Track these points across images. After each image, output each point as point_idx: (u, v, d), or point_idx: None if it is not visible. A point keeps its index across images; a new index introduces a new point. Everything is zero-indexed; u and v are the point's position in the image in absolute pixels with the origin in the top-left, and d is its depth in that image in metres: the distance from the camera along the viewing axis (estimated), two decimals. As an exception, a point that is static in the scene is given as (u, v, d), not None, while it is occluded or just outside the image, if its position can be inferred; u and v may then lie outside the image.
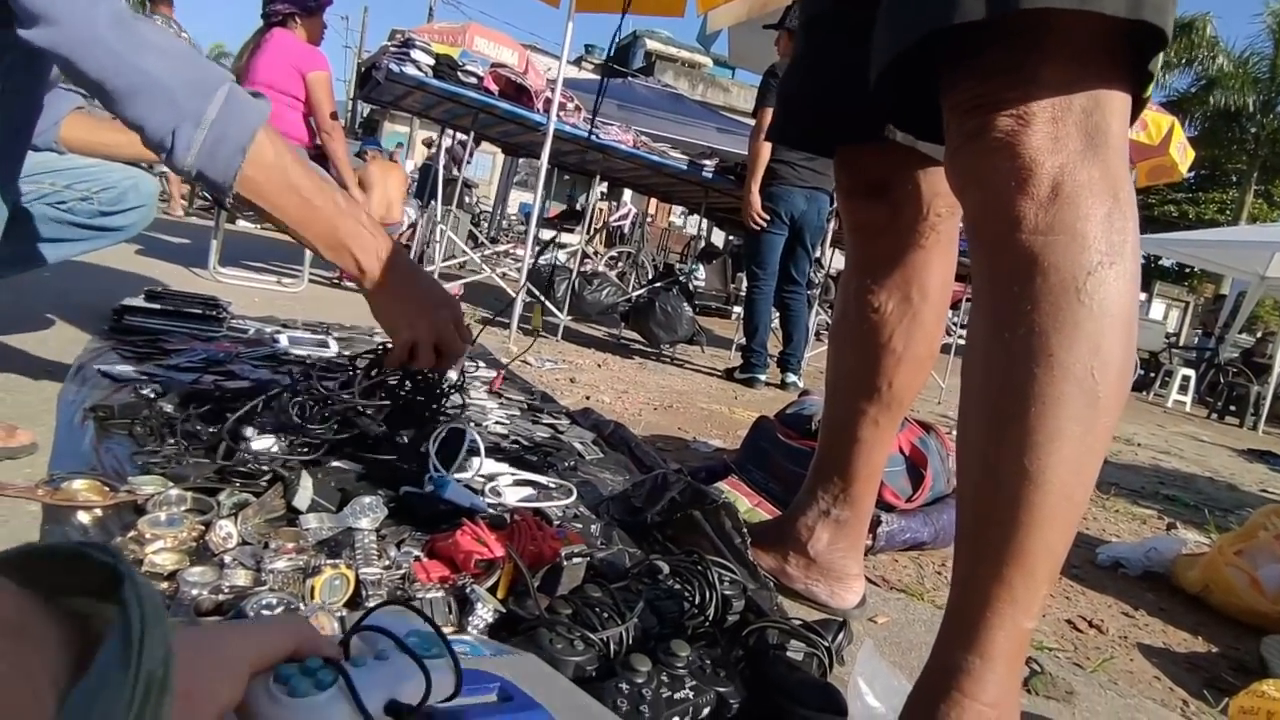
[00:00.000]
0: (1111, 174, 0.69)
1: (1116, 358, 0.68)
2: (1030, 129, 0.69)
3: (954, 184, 0.78)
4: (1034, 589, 0.69)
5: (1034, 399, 0.67)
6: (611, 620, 0.78)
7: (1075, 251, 0.67)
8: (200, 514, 0.93)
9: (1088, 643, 1.35)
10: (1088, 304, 0.67)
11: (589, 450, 1.57)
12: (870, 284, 1.10)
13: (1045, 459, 0.67)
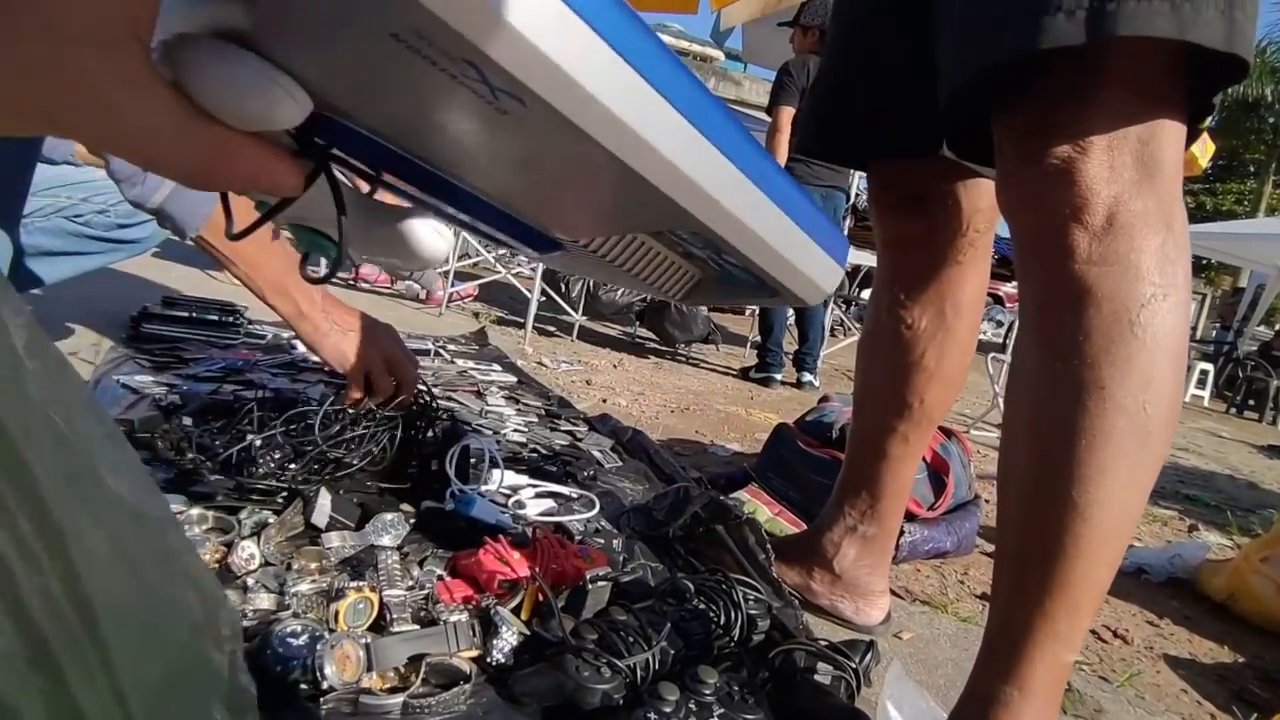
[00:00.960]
0: (1165, 204, 0.68)
1: (1168, 391, 0.67)
2: (1088, 156, 0.68)
3: (1005, 206, 0.77)
4: (1077, 622, 0.68)
5: (1084, 432, 0.66)
6: (638, 645, 0.77)
7: (1129, 283, 0.66)
8: (222, 533, 0.92)
9: (1113, 654, 1.33)
10: (1141, 336, 0.66)
11: (608, 458, 1.56)
12: (903, 299, 1.08)
13: (1093, 493, 0.65)
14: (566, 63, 0.22)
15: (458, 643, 0.78)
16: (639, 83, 0.25)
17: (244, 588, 0.83)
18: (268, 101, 0.25)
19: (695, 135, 0.28)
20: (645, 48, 0.25)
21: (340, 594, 0.80)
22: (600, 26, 0.23)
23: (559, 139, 0.25)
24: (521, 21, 0.21)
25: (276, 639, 0.70)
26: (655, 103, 0.26)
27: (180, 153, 0.24)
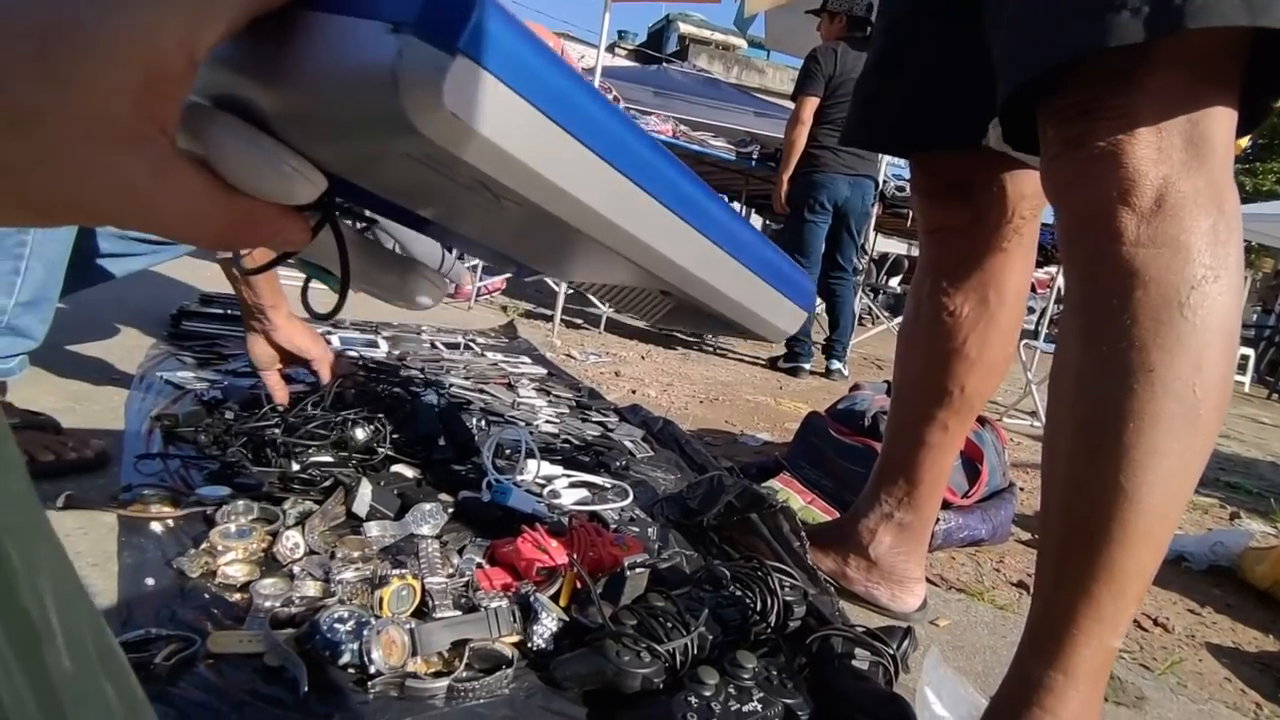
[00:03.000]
0: (1216, 185, 0.67)
1: (1219, 374, 0.66)
2: (1135, 138, 0.66)
3: (1050, 190, 0.75)
4: (1123, 608, 0.67)
5: (1132, 415, 0.65)
6: (676, 631, 0.78)
7: (1179, 265, 0.65)
8: (267, 523, 0.95)
9: (1154, 642, 1.31)
10: (1191, 319, 0.65)
11: (639, 448, 1.57)
12: (946, 286, 1.07)
13: (1142, 477, 0.65)
14: (567, 182, 0.26)
15: (499, 628, 0.79)
16: (625, 183, 0.29)
17: (290, 575, 0.85)
18: (287, 185, 0.27)
19: (671, 218, 0.31)
20: (629, 150, 0.28)
21: (384, 581, 0.82)
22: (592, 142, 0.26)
23: (549, 223, 0.29)
24: (528, 155, 0.24)
25: (325, 625, 0.72)
26: (639, 199, 0.29)
27: (207, 227, 0.25)
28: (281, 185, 0.27)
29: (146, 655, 0.68)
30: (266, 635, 0.73)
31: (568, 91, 0.25)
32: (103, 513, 0.95)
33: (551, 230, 0.31)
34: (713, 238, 0.35)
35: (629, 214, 0.30)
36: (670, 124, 4.12)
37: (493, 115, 0.22)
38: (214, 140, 0.26)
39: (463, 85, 0.21)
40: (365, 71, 0.22)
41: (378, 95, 0.22)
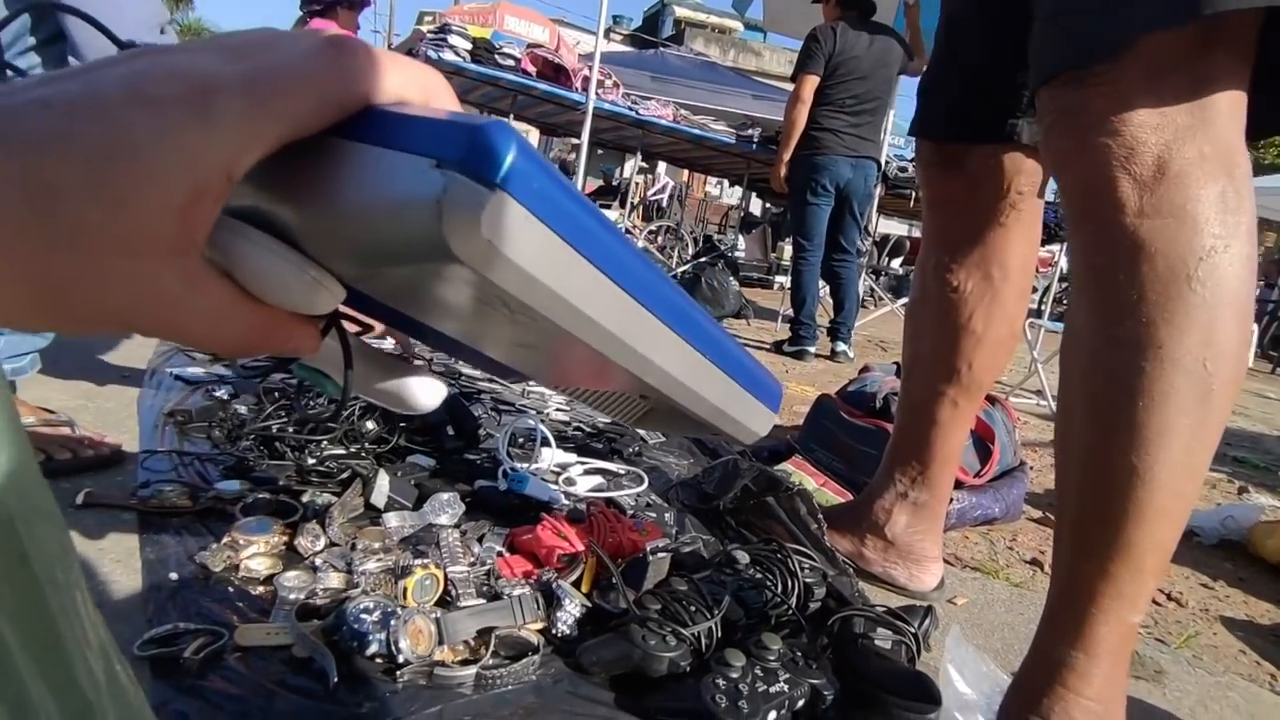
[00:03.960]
0: (1223, 149, 0.64)
1: (1231, 347, 0.64)
2: (1132, 104, 0.64)
3: (1050, 162, 0.74)
4: (1141, 584, 0.67)
5: (1142, 393, 0.64)
6: (700, 614, 0.78)
7: (1186, 236, 0.63)
8: (285, 517, 0.95)
9: (1168, 617, 1.32)
10: (1200, 292, 0.63)
11: (651, 434, 1.57)
12: (949, 261, 1.07)
13: (1154, 454, 0.64)
14: (582, 303, 0.29)
15: (523, 615, 0.79)
16: (631, 303, 0.32)
17: (313, 568, 0.85)
18: (309, 296, 0.28)
19: (667, 333, 0.35)
20: (634, 272, 0.32)
21: (407, 571, 0.82)
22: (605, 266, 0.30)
23: (554, 337, 0.32)
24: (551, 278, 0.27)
25: (351, 616, 0.73)
26: (642, 317, 0.33)
27: (229, 335, 0.27)
28: (304, 296, 0.28)
29: (176, 649, 0.68)
30: (294, 627, 0.73)
31: (585, 222, 0.28)
32: (122, 509, 0.95)
33: (553, 343, 0.34)
34: (700, 348, 0.38)
35: (633, 330, 0.33)
36: (670, 109, 4.10)
37: (523, 243, 0.25)
38: (239, 252, 0.27)
39: (499, 216, 0.24)
40: (407, 201, 0.24)
41: (416, 222, 0.24)
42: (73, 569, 0.23)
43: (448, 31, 3.49)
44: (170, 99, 0.22)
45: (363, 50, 0.26)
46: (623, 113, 3.71)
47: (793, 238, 3.70)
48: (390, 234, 0.25)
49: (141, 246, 0.22)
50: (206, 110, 0.23)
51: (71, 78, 0.22)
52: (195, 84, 0.23)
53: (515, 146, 0.24)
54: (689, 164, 6.10)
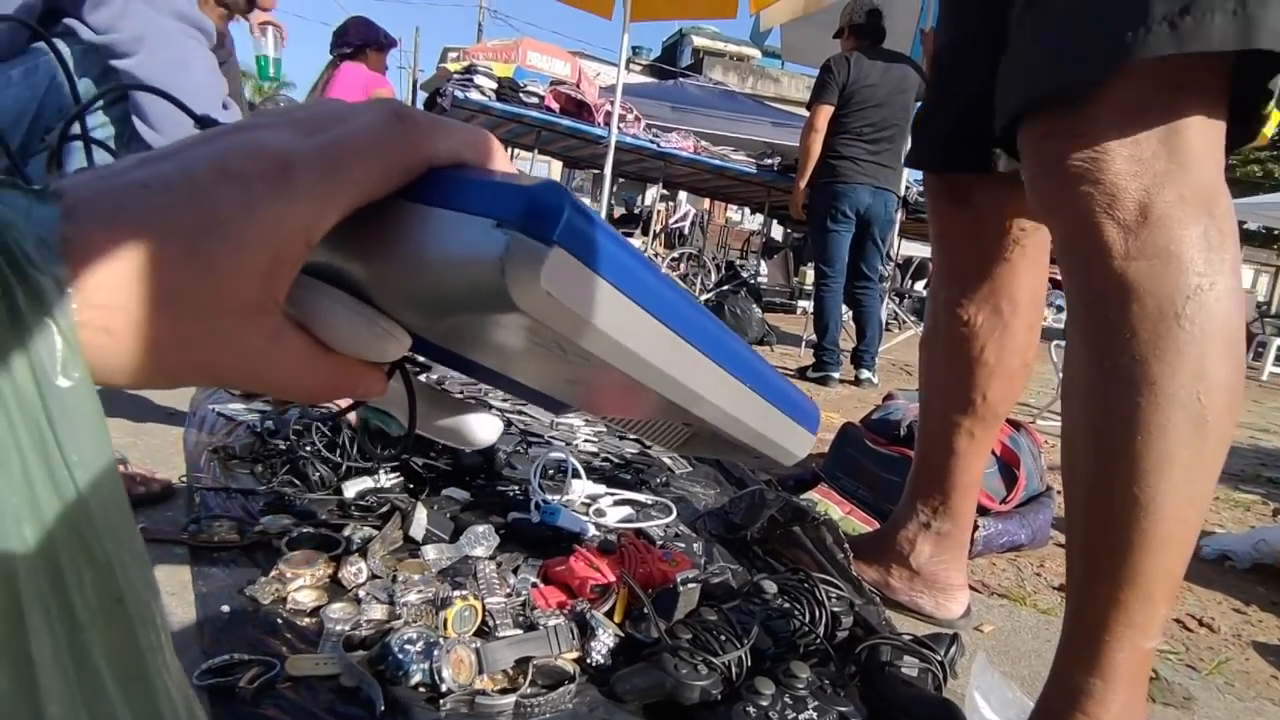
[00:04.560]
0: (1203, 191, 0.67)
1: (1223, 379, 0.67)
2: (1108, 153, 0.68)
3: (1036, 210, 0.77)
4: (1151, 611, 0.69)
5: (1139, 427, 0.67)
6: (730, 643, 0.81)
7: (1172, 275, 0.66)
8: (329, 550, 0.99)
9: (1200, 643, 1.31)
10: (1189, 329, 0.66)
11: (678, 464, 1.60)
12: (958, 295, 1.10)
13: (1155, 485, 0.66)
14: (633, 344, 0.31)
15: (559, 645, 0.82)
16: (678, 340, 0.34)
17: (357, 599, 0.89)
18: (380, 345, 0.31)
19: (711, 365, 0.37)
20: (679, 311, 0.34)
21: (446, 602, 0.86)
22: (653, 308, 0.32)
23: (605, 374, 0.34)
24: (606, 324, 0.29)
25: (396, 646, 0.76)
26: (688, 352, 0.35)
27: (307, 385, 0.29)
28: (375, 346, 0.31)
29: (232, 679, 0.72)
30: (341, 658, 0.76)
31: (633, 268, 0.30)
32: (174, 544, 1.00)
33: (602, 379, 0.37)
34: (741, 378, 0.41)
35: (679, 366, 0.35)
36: (691, 140, 4.16)
37: (579, 293, 0.27)
38: (316, 308, 0.30)
39: (557, 270, 0.26)
40: (471, 258, 0.27)
41: (480, 276, 0.27)
42: (158, 606, 0.25)
43: (474, 72, 3.60)
44: (254, 175, 0.25)
45: (424, 118, 0.29)
46: (644, 146, 3.78)
47: (815, 264, 3.73)
48: (455, 288, 0.28)
49: (229, 308, 0.25)
50: (286, 183, 0.25)
51: (165, 159, 0.25)
52: (275, 160, 0.26)
53: (568, 206, 0.26)
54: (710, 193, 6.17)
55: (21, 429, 0.21)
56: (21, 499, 0.21)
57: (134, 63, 1.02)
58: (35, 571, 0.21)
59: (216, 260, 0.25)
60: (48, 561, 0.21)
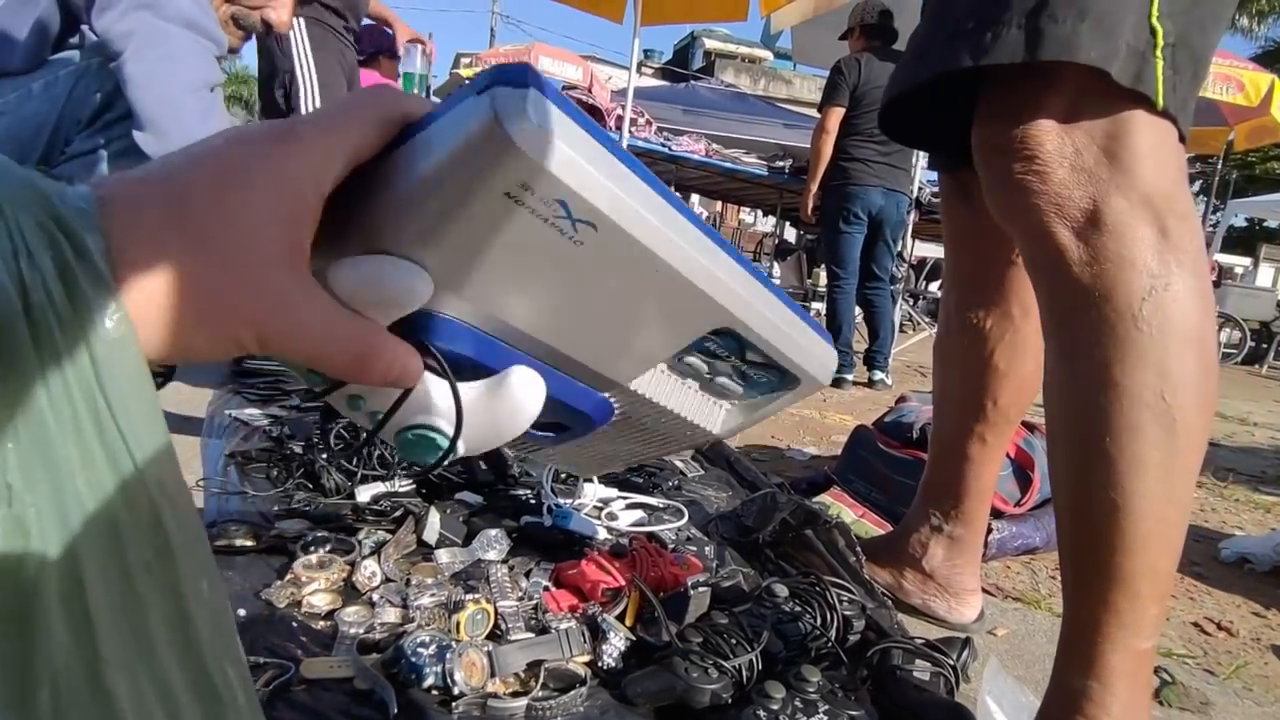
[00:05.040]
0: (1154, 194, 0.68)
1: (1189, 378, 0.67)
2: (1049, 167, 0.69)
3: (997, 220, 0.79)
4: (1141, 610, 0.69)
5: (1107, 429, 0.67)
6: (741, 647, 0.81)
7: (1126, 279, 0.67)
8: (344, 553, 1.00)
9: (1218, 647, 1.30)
10: (1146, 330, 0.66)
11: (689, 467, 1.60)
12: (969, 298, 1.09)
13: (1130, 486, 0.67)
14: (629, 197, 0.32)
15: (570, 649, 0.83)
16: (678, 217, 0.35)
17: (371, 603, 0.90)
18: (405, 284, 0.32)
19: (715, 248, 0.37)
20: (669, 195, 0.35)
21: (459, 606, 0.86)
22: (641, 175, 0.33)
23: (623, 264, 0.34)
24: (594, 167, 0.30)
25: (409, 649, 0.77)
26: (687, 228, 0.36)
27: (340, 345, 0.30)
28: (396, 287, 0.32)
29: (248, 682, 0.73)
30: (355, 661, 0.77)
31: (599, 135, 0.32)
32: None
33: (627, 286, 0.36)
34: (757, 276, 0.41)
35: (690, 240, 0.35)
36: (703, 143, 4.17)
37: (561, 130, 0.29)
38: (338, 267, 0.31)
39: (537, 109, 0.28)
40: (467, 132, 0.29)
41: (479, 141, 0.28)
42: (204, 552, 0.26)
43: (487, 78, 3.64)
44: (263, 136, 0.29)
45: (392, 89, 0.32)
46: (656, 149, 3.79)
47: (826, 266, 3.72)
48: (462, 175, 0.29)
49: (256, 255, 0.27)
50: (294, 138, 0.29)
51: (189, 145, 0.28)
52: (281, 125, 0.29)
53: (529, 68, 0.29)
54: (722, 196, 6.17)
55: (75, 384, 0.22)
56: (77, 452, 0.22)
57: (122, 60, 1.04)
58: (92, 525, 0.22)
59: (239, 205, 0.27)
60: (103, 514, 0.22)
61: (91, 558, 0.22)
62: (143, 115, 1.06)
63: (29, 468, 0.21)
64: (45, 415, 0.21)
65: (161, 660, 0.23)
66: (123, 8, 1.02)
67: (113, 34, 1.02)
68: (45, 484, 0.21)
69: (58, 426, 0.22)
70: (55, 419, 0.22)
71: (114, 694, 0.22)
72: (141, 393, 0.24)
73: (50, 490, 0.21)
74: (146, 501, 0.24)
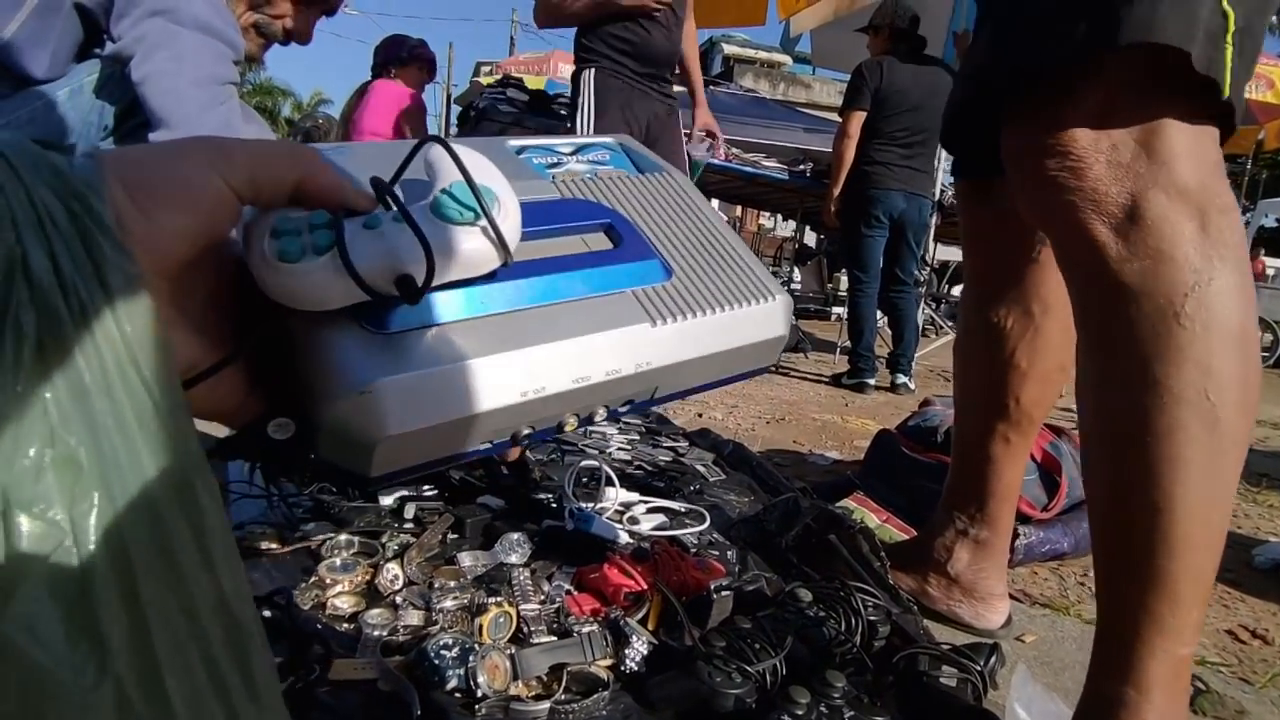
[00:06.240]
0: (1193, 188, 0.67)
1: (1233, 375, 0.65)
2: (1086, 162, 0.68)
3: (1029, 219, 0.77)
4: (1183, 615, 0.67)
5: (1148, 429, 0.66)
6: (765, 651, 0.80)
7: (1168, 274, 0.66)
8: (367, 556, 1.00)
9: (1253, 655, 1.27)
10: (1189, 326, 0.65)
11: (711, 472, 1.59)
12: (989, 297, 1.08)
13: (1171, 487, 0.65)
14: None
15: (593, 652, 0.82)
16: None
17: (394, 605, 0.90)
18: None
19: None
20: None
21: (482, 609, 0.87)
22: None
23: None
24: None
25: (432, 651, 0.77)
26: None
27: (288, 149, 0.35)
28: None
29: (274, 683, 0.73)
30: (379, 663, 0.78)
31: None
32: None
33: None
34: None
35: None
36: (723, 149, 4.17)
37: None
38: None
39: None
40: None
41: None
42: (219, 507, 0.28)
43: (507, 85, 3.66)
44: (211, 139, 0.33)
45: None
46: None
47: (848, 270, 3.70)
48: None
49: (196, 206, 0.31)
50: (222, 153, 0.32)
51: None
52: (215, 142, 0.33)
53: None
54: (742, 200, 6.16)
55: (102, 340, 0.24)
56: (109, 403, 0.24)
57: (133, 64, 1.05)
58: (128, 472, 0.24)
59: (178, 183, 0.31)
60: (135, 461, 0.24)
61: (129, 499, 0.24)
62: (152, 112, 1.08)
63: (68, 418, 0.23)
64: (80, 370, 0.23)
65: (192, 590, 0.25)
66: (136, 15, 1.04)
67: (127, 40, 1.04)
68: (85, 431, 0.23)
69: (91, 379, 0.23)
70: (89, 373, 0.23)
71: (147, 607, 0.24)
72: (158, 343, 0.26)
73: (90, 435, 0.23)
74: (172, 453, 0.26)
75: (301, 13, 1.26)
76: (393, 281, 0.34)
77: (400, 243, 0.34)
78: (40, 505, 0.22)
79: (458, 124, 5.87)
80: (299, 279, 0.33)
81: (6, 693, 0.20)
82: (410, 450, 0.36)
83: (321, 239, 0.33)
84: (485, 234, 0.36)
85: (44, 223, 0.24)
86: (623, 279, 0.44)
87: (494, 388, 0.36)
